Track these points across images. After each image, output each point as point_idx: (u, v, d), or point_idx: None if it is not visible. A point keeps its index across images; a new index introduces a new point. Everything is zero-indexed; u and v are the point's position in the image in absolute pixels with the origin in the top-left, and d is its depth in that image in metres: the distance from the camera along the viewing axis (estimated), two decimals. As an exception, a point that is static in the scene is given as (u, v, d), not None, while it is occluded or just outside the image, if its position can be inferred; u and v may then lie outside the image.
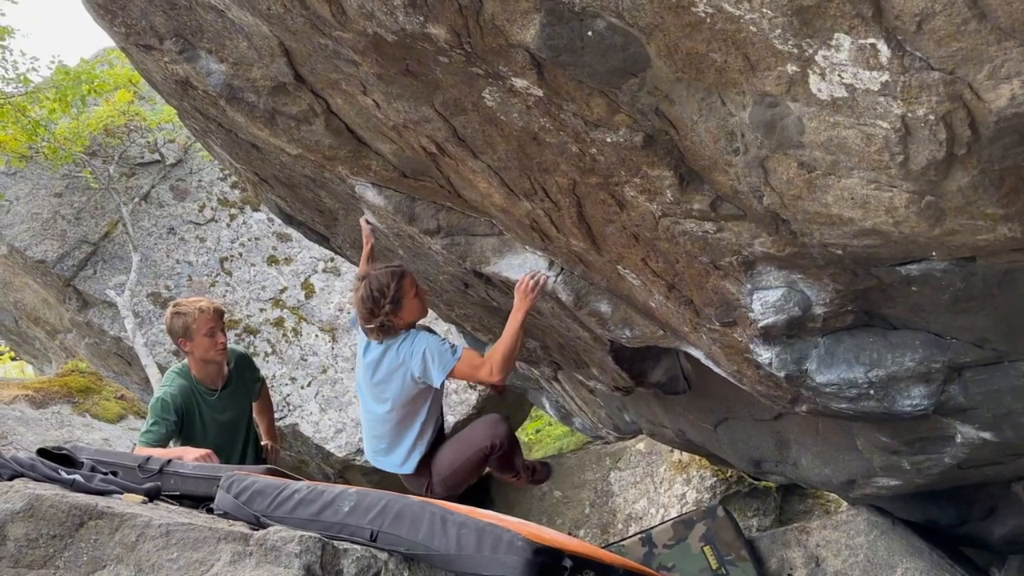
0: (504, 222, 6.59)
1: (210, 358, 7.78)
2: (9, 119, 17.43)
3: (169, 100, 8.06)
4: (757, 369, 5.62)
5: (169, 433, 7.39)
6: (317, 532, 4.28)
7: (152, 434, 7.30)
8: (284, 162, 7.58)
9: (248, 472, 5.28)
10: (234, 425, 8.01)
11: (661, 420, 9.54)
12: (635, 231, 5.27)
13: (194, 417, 7.69)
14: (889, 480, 7.12)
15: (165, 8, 6.11)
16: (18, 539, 4.05)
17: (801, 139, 3.82)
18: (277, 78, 6.12)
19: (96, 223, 17.95)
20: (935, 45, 3.13)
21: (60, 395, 12.55)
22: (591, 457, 16.76)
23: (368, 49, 4.88)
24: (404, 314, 7.17)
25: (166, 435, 7.35)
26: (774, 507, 13.37)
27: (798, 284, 4.91)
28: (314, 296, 17.82)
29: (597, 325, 6.99)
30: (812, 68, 3.47)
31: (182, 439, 7.55)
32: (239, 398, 8.10)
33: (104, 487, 4.80)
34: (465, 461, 7.60)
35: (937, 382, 5.22)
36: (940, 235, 3.96)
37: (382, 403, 7.36)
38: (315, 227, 9.54)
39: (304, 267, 18.46)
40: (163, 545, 4.10)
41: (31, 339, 22.00)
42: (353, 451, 15.63)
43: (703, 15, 3.50)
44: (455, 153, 5.67)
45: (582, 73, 4.16)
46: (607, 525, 15.40)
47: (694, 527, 8.80)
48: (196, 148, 18.98)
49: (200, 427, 7.71)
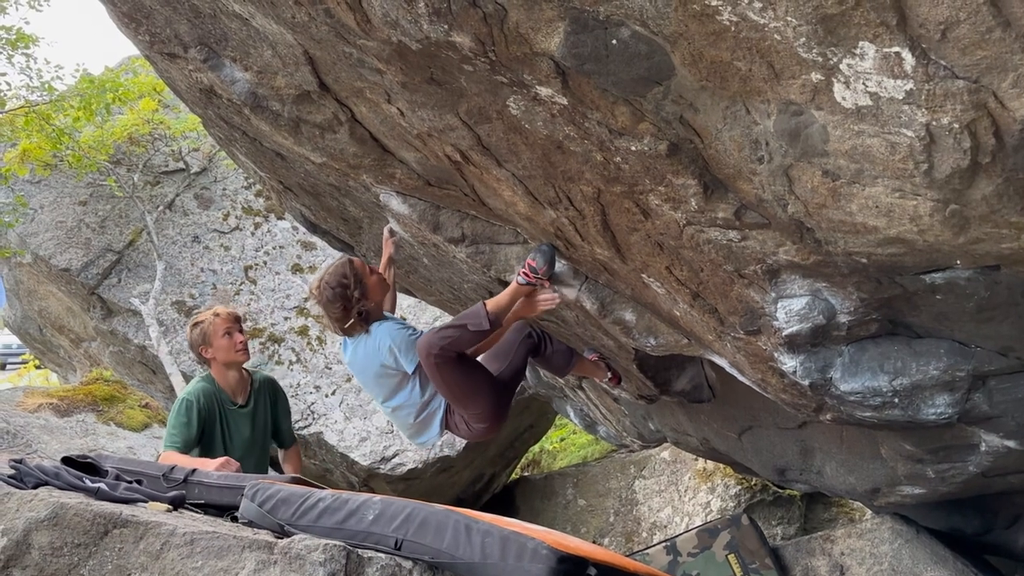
0: (529, 230, 6.59)
1: (231, 359, 7.81)
2: (34, 127, 17.48)
3: (193, 109, 8.07)
4: (781, 377, 5.61)
5: (193, 435, 7.44)
6: (342, 541, 4.29)
7: (176, 437, 7.38)
8: (308, 170, 7.59)
9: (273, 481, 5.28)
10: (251, 444, 8.01)
11: (686, 428, 9.54)
12: (659, 240, 5.26)
13: (215, 424, 7.71)
14: (913, 488, 7.11)
15: (190, 16, 6.13)
16: (43, 547, 4.06)
17: (825, 147, 3.81)
18: (301, 86, 6.13)
19: (120, 231, 18.01)
20: (960, 53, 3.13)
21: (85, 403, 12.59)
22: (616, 466, 16.78)
23: (393, 57, 4.89)
24: (372, 294, 7.26)
25: (191, 438, 7.41)
26: (798, 515, 13.37)
27: (822, 292, 4.90)
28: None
29: (622, 333, 6.99)
30: (837, 76, 3.46)
31: (201, 448, 7.58)
32: (259, 420, 8.09)
33: (129, 496, 4.81)
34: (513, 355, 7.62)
35: (961, 390, 5.20)
36: (964, 243, 3.95)
37: (389, 399, 7.36)
38: (340, 235, 9.55)
39: (329, 275, 18.44)
40: (188, 554, 4.10)
41: (55, 347, 22.07)
42: (377, 459, 15.64)
43: (728, 23, 3.50)
44: (480, 162, 5.67)
45: (607, 81, 4.16)
46: (632, 533, 15.41)
47: (719, 535, 8.80)
48: (221, 156, 19.04)
49: (220, 436, 7.74)
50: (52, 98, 18.21)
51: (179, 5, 6.08)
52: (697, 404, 8.41)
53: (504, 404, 7.30)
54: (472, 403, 7.09)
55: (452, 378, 6.87)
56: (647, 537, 15.08)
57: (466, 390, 7.02)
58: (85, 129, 18.38)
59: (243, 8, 5.55)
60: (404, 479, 16.00)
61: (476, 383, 7.07)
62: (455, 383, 6.93)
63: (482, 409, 7.12)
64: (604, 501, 16.20)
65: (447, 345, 6.70)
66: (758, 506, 13.66)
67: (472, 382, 7.05)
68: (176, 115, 19.06)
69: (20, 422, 10.62)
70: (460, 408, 7.17)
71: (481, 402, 7.08)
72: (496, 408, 7.20)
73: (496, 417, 7.24)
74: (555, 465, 20.91)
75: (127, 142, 18.65)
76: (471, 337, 6.82)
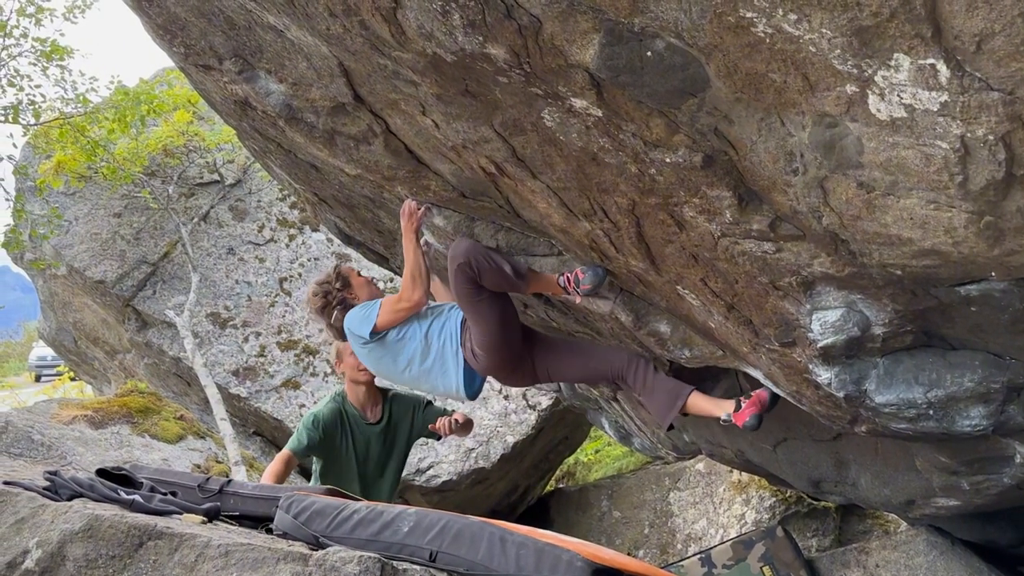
0: (563, 242, 6.59)
1: (354, 378, 8.08)
2: (68, 139, 17.51)
3: (228, 120, 8.10)
4: (816, 389, 5.60)
5: (312, 445, 7.74)
6: (376, 552, 4.29)
7: (295, 442, 7.71)
8: (343, 182, 7.61)
9: (308, 492, 5.29)
10: (383, 460, 8.24)
11: (720, 441, 9.51)
12: (694, 251, 5.26)
13: (340, 440, 7.96)
14: (948, 500, 7.09)
15: (224, 28, 6.15)
16: (77, 559, 4.07)
17: (860, 159, 3.81)
18: (336, 98, 6.15)
19: (155, 243, 18.06)
20: (994, 65, 3.13)
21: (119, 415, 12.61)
22: (651, 477, 16.75)
23: (427, 69, 4.91)
24: (357, 292, 7.45)
25: (308, 446, 7.72)
26: (833, 527, 13.31)
27: (857, 304, 4.89)
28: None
29: (656, 345, 6.98)
30: (871, 88, 3.46)
31: (329, 462, 7.91)
32: (390, 436, 8.29)
33: (163, 507, 4.82)
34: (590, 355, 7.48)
35: (996, 402, 5.19)
36: (999, 255, 3.94)
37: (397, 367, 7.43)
38: (374, 247, 9.56)
39: (364, 287, 18.46)
40: (222, 566, 4.11)
41: (90, 359, 22.12)
42: (412, 471, 15.64)
43: (762, 35, 3.50)
44: (514, 173, 5.68)
45: (641, 93, 4.17)
46: (666, 545, 15.38)
47: (753, 547, 8.80)
48: (255, 168, 19.05)
49: (345, 449, 7.98)
50: (87, 110, 18.22)
51: (214, 17, 6.10)
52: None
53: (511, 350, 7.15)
54: (476, 324, 7.03)
55: (467, 295, 6.84)
56: (682, 549, 15.04)
57: (476, 311, 6.97)
58: (120, 141, 18.39)
59: (278, 20, 5.57)
60: (439, 491, 16.00)
61: (488, 311, 6.95)
62: (469, 300, 6.89)
63: (484, 336, 7.02)
64: (639, 513, 16.18)
65: (474, 263, 6.67)
66: (793, 518, 13.62)
67: (484, 308, 6.95)
68: (211, 127, 19.08)
69: (55, 434, 10.64)
70: (469, 321, 7.14)
71: (485, 329, 6.98)
72: (499, 345, 7.05)
73: (495, 351, 7.06)
74: (590, 477, 20.86)
75: (162, 154, 18.66)
76: (497, 275, 6.76)
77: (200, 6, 6.10)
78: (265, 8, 5.49)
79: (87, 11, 19.36)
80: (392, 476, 8.25)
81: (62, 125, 17.70)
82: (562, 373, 7.50)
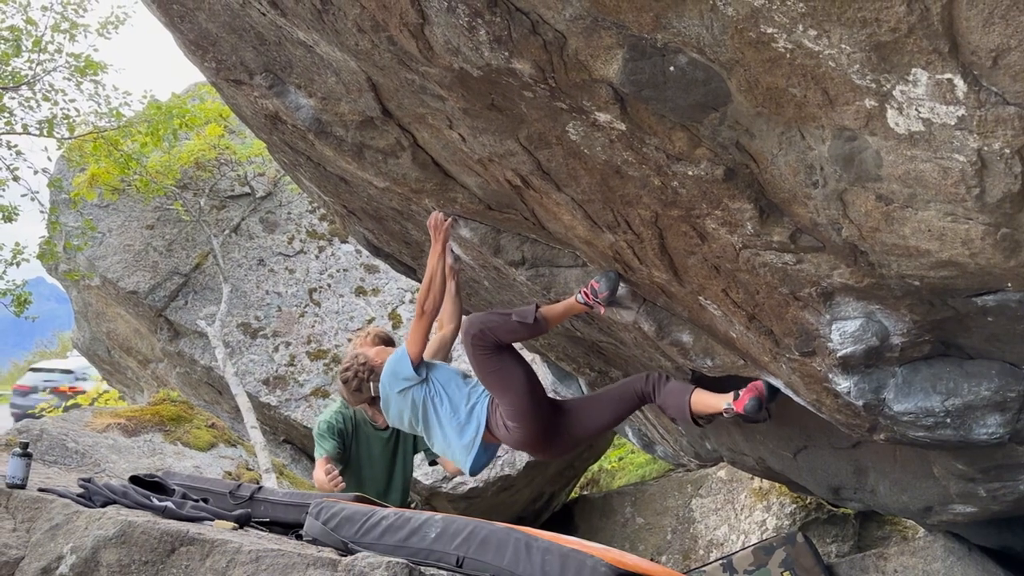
0: (588, 254, 6.64)
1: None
2: (102, 153, 17.57)
3: (259, 134, 8.17)
4: (836, 398, 5.63)
5: (338, 448, 7.81)
6: (404, 558, 4.35)
7: (323, 449, 7.74)
8: (371, 195, 7.66)
9: (337, 499, 5.35)
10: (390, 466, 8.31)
11: (742, 448, 9.53)
12: (716, 263, 5.31)
13: (352, 443, 8.06)
14: (965, 507, 7.10)
15: (255, 44, 6.22)
16: (111, 565, 4.14)
17: (879, 172, 3.86)
18: (365, 112, 6.21)
19: (187, 255, 18.18)
20: (1011, 80, 3.17)
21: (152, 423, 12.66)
22: (673, 484, 16.75)
23: (454, 84, 4.96)
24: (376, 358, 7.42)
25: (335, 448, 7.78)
26: (852, 533, 13.30)
27: (876, 315, 4.93)
28: (401, 326, 17.83)
29: (679, 355, 7.01)
30: (890, 103, 3.51)
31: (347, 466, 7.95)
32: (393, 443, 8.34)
33: (195, 514, 4.89)
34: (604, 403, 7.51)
35: (1012, 410, 5.21)
36: (1015, 267, 3.98)
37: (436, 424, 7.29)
38: (402, 258, 9.61)
39: (391, 298, 18.52)
40: (253, 571, 4.18)
41: (123, 368, 22.21)
42: (439, 478, 15.65)
43: (783, 50, 3.56)
44: (539, 186, 5.73)
45: (664, 107, 4.22)
46: (689, 551, 15.39)
47: (774, 553, 8.84)
48: (285, 181, 19.11)
49: (356, 451, 8.07)
50: (120, 124, 18.30)
51: (245, 33, 6.17)
52: (753, 424, 8.41)
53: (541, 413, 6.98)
54: (504, 395, 6.88)
55: (487, 365, 6.77)
56: (704, 555, 15.05)
57: (500, 379, 6.85)
58: (152, 154, 18.46)
59: (307, 36, 5.64)
60: (465, 498, 16.02)
61: (511, 377, 6.84)
62: (490, 370, 6.80)
63: (513, 406, 6.86)
64: (662, 519, 16.18)
65: (488, 328, 6.67)
66: (813, 524, 13.61)
67: (507, 374, 6.84)
68: (242, 140, 19.15)
69: (88, 442, 10.69)
70: (496, 395, 6.98)
71: (513, 398, 6.83)
72: (530, 410, 6.89)
73: (527, 419, 6.88)
74: (613, 484, 20.86)
75: (193, 167, 18.74)
76: (513, 327, 6.75)
77: (231, 22, 6.17)
78: (295, 24, 5.56)
79: (120, 27, 19.43)
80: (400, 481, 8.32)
81: (96, 139, 17.76)
82: (596, 423, 7.39)
